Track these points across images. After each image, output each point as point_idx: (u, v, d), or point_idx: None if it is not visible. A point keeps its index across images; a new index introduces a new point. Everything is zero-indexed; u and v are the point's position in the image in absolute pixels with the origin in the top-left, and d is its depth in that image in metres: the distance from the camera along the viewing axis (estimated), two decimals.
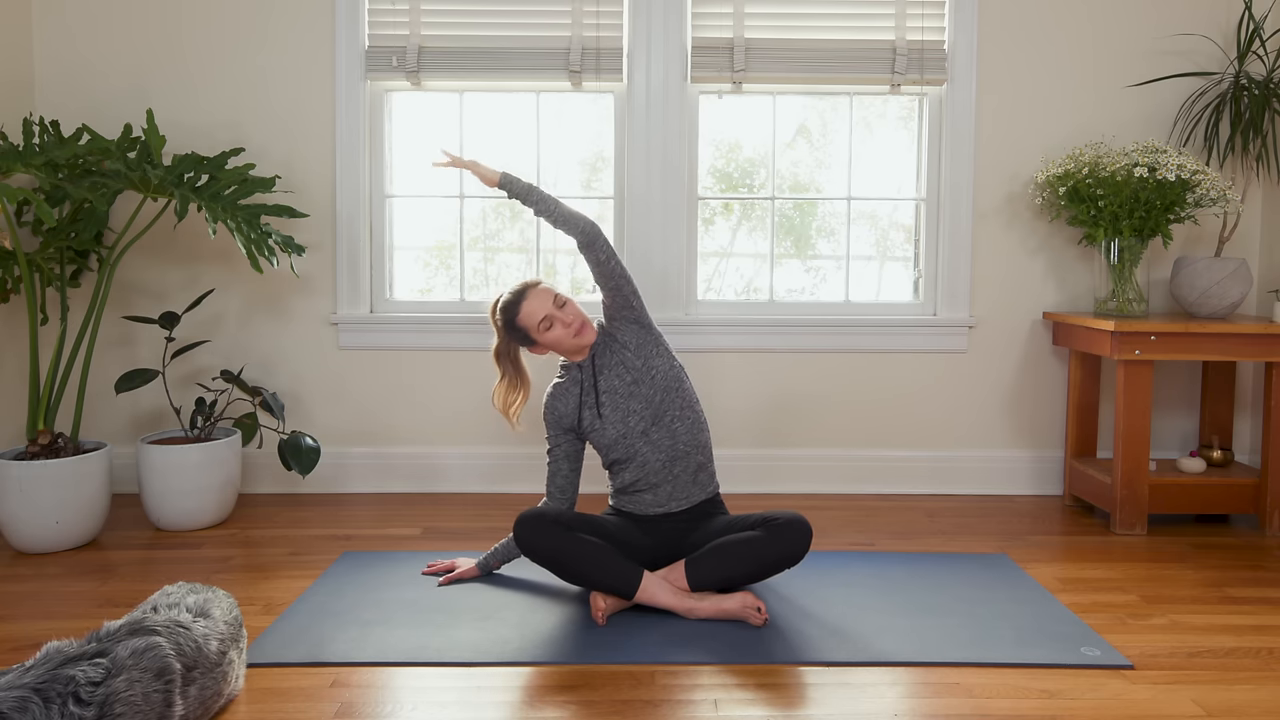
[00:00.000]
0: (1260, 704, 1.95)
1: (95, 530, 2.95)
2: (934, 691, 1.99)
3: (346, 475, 3.55)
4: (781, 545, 2.36)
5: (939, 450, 3.59)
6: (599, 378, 2.54)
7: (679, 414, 2.53)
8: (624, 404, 2.51)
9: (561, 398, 2.58)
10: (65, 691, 1.51)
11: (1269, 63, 3.40)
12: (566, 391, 2.57)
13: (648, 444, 2.51)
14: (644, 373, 2.52)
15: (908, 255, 3.63)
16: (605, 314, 2.59)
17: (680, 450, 2.52)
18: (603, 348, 2.56)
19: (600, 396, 2.52)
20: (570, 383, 2.58)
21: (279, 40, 3.43)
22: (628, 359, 2.52)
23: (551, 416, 2.59)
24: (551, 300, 2.51)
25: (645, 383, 2.51)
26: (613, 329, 2.56)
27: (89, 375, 3.48)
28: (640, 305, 2.56)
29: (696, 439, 2.55)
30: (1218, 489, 3.13)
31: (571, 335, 2.50)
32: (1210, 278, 3.20)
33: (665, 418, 2.51)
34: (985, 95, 3.48)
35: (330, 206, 3.48)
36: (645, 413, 2.51)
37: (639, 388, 2.51)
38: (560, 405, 2.57)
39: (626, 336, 2.54)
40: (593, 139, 3.58)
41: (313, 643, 2.19)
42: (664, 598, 2.34)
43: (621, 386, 2.52)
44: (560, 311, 2.50)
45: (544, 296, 2.52)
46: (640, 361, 2.52)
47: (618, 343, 2.55)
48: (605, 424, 2.51)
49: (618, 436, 2.51)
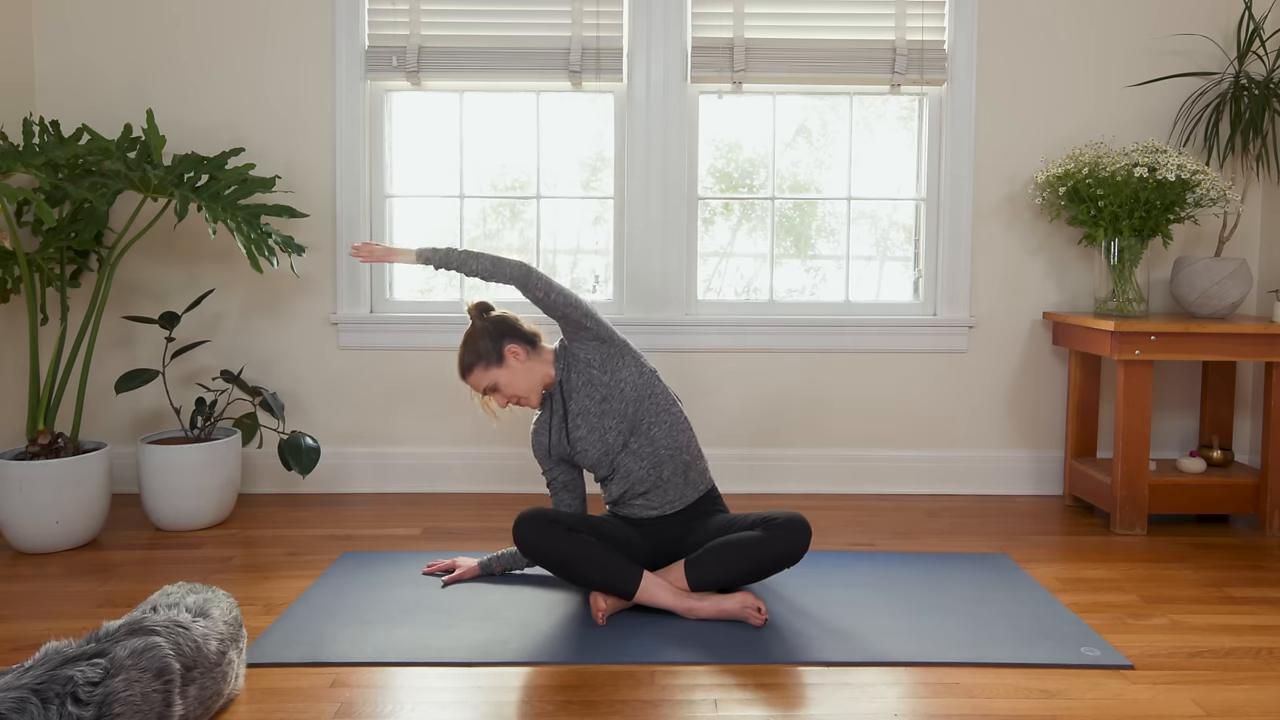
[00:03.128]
0: (1260, 704, 1.95)
1: (95, 530, 2.95)
2: (934, 691, 1.99)
3: (346, 475, 3.55)
4: (781, 545, 2.36)
5: (939, 450, 3.59)
6: (569, 402, 2.52)
7: (655, 419, 2.50)
8: (598, 422, 2.49)
9: (541, 432, 2.58)
10: (64, 692, 1.51)
11: (1269, 63, 3.40)
12: (544, 424, 2.58)
13: (629, 455, 2.49)
14: (613, 388, 2.48)
15: (908, 255, 3.63)
16: (564, 336, 2.54)
17: (663, 455, 2.50)
18: (568, 370, 2.52)
19: (573, 420, 2.51)
20: (546, 414, 2.58)
21: (279, 40, 3.43)
22: (594, 376, 2.49)
23: (539, 452, 2.60)
24: (481, 390, 2.51)
25: (615, 397, 2.48)
26: (574, 349, 2.51)
27: (89, 375, 3.48)
28: (595, 323, 2.48)
29: (677, 440, 2.52)
30: (1218, 489, 3.13)
31: (512, 404, 2.53)
32: (1210, 278, 3.20)
33: (642, 425, 2.49)
34: (985, 95, 3.48)
35: (330, 206, 3.48)
36: (621, 426, 2.48)
37: (610, 404, 2.48)
38: (542, 439, 2.58)
39: (589, 354, 2.49)
40: (593, 139, 3.58)
41: (313, 643, 2.19)
42: (664, 598, 2.34)
43: (592, 405, 2.49)
44: (492, 396, 2.52)
45: (475, 383, 2.51)
46: (607, 376, 2.48)
47: (581, 361, 2.50)
48: (585, 445, 2.50)
49: (599, 455, 2.50)
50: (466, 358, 2.51)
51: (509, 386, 2.50)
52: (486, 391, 2.51)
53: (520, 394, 2.51)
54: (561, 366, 2.53)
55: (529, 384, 2.50)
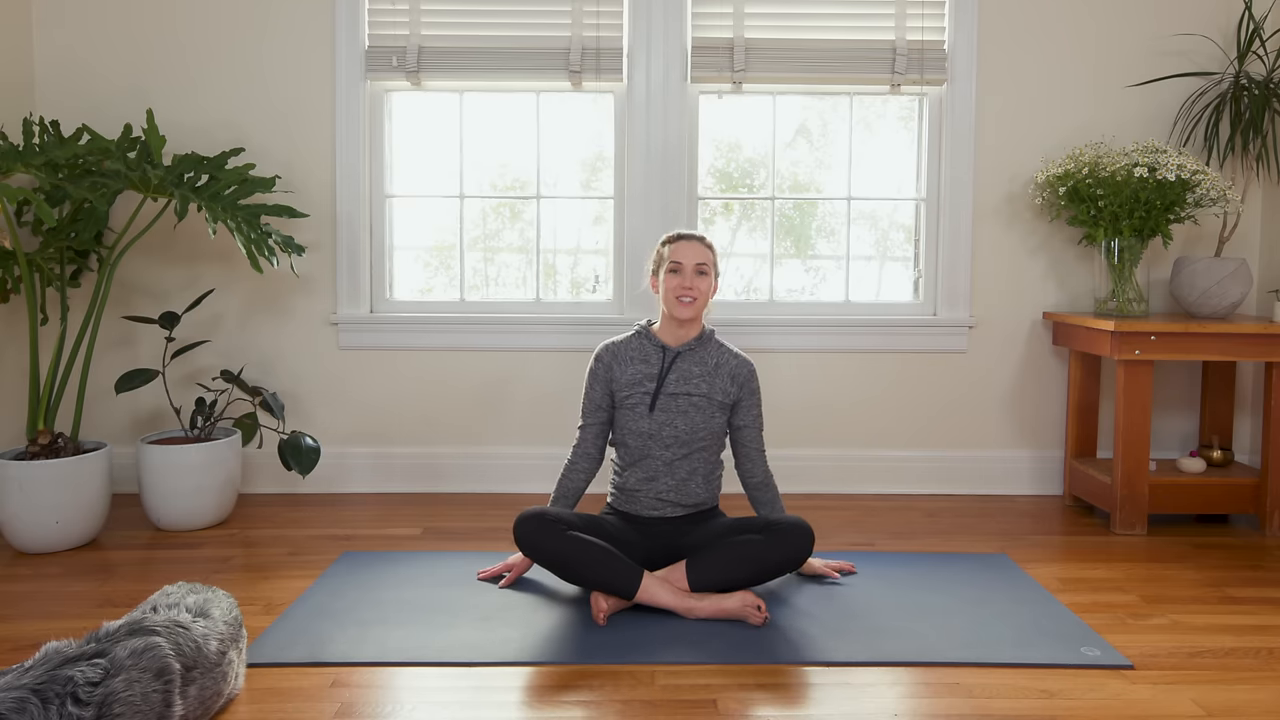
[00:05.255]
0: (1260, 704, 1.94)
1: (95, 530, 2.95)
2: (934, 691, 1.99)
3: (346, 475, 3.55)
4: (784, 550, 2.37)
5: (939, 450, 3.59)
6: (669, 373, 2.56)
7: (704, 459, 2.59)
8: (685, 403, 2.56)
9: (626, 362, 2.58)
10: (64, 692, 1.51)
11: (1269, 63, 3.40)
12: (631, 358, 2.58)
13: (664, 456, 2.56)
14: (702, 404, 2.56)
15: (908, 255, 3.63)
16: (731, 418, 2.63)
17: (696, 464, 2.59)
18: (694, 355, 2.58)
19: (665, 383, 2.55)
20: (641, 353, 2.59)
21: (279, 40, 3.43)
22: (695, 378, 2.56)
23: (601, 371, 2.60)
24: (697, 262, 2.52)
25: (703, 409, 2.56)
26: (729, 371, 2.60)
27: (89, 375, 3.48)
28: (749, 421, 2.62)
29: (712, 461, 2.64)
30: (1218, 489, 3.13)
31: (676, 296, 2.52)
32: (1210, 278, 3.20)
33: (696, 453, 2.57)
34: (985, 95, 3.48)
35: (330, 206, 3.48)
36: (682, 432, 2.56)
37: (696, 409, 2.56)
38: (618, 368, 2.58)
39: (722, 383, 2.58)
40: (593, 139, 3.58)
41: (313, 643, 2.19)
42: (664, 597, 2.34)
43: (680, 394, 2.56)
44: (694, 276, 2.52)
45: (698, 253, 2.54)
46: (706, 387, 2.57)
47: (712, 366, 2.58)
48: (649, 417, 2.54)
49: (653, 430, 2.55)
50: (699, 235, 2.58)
51: (704, 287, 2.54)
52: (698, 268, 2.52)
53: (700, 308, 2.54)
54: (691, 345, 2.59)
55: (709, 299, 2.58)
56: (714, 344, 2.62)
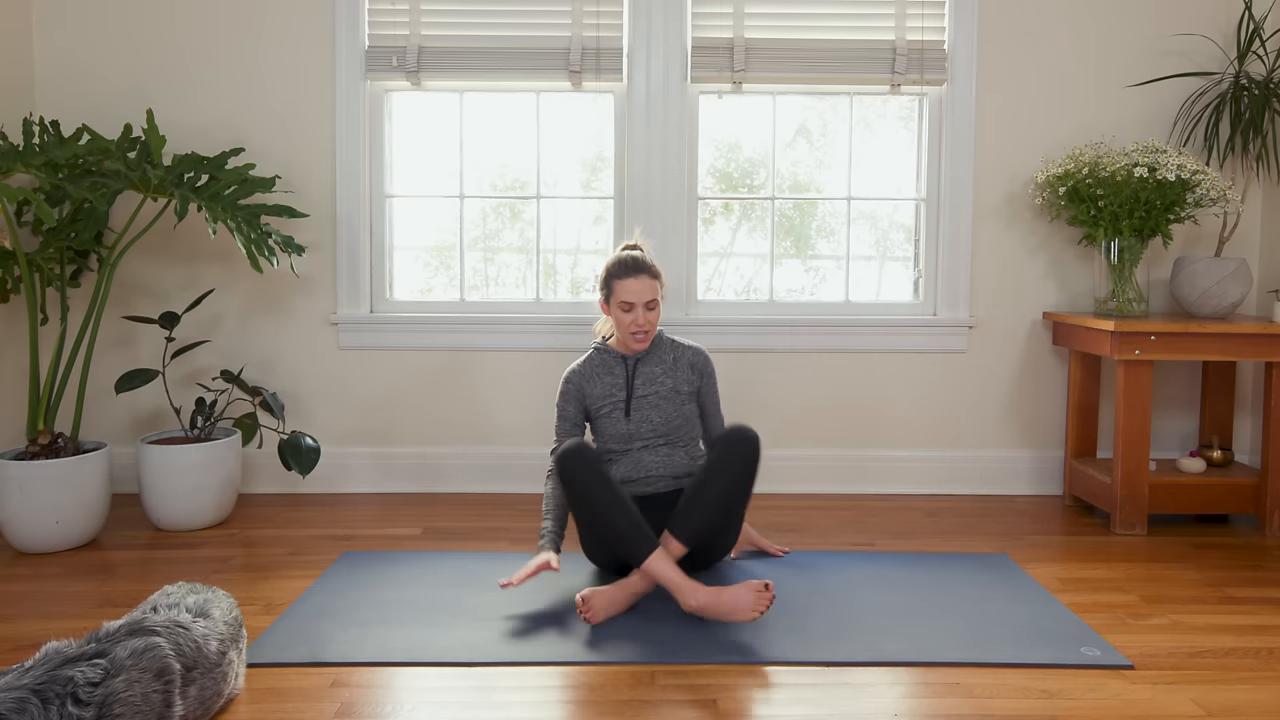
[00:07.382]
0: (1260, 704, 1.95)
1: (95, 530, 2.95)
2: (934, 691, 1.99)
3: (346, 475, 3.55)
4: (732, 455, 2.42)
5: (939, 450, 3.59)
6: (635, 379, 2.69)
7: (685, 442, 2.72)
8: (651, 404, 2.67)
9: (594, 379, 2.69)
10: (64, 692, 1.51)
11: (1269, 63, 3.40)
12: (597, 374, 2.69)
13: (647, 445, 2.67)
14: (671, 396, 2.69)
15: (908, 255, 3.63)
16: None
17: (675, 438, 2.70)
18: (652, 357, 2.71)
19: (634, 388, 2.67)
20: (605, 366, 2.70)
21: (279, 40, 3.43)
22: (659, 377, 2.69)
23: (572, 391, 2.69)
24: (647, 300, 2.61)
25: (670, 402, 2.69)
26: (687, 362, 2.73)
27: (89, 375, 3.48)
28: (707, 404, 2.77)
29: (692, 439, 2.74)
30: (1218, 489, 3.13)
31: (630, 332, 2.62)
32: (1210, 278, 3.20)
33: (676, 440, 2.69)
34: (985, 95, 3.48)
35: (330, 206, 3.48)
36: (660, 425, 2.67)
37: (664, 402, 2.68)
38: (589, 387, 2.69)
39: (684, 375, 2.71)
40: (593, 139, 3.58)
41: (313, 643, 2.19)
42: (671, 574, 2.31)
43: (650, 394, 2.68)
44: (645, 312, 2.61)
45: (647, 289, 2.61)
46: (671, 382, 2.69)
47: (671, 362, 2.71)
48: (626, 421, 2.66)
49: (632, 430, 2.66)
50: (646, 265, 2.62)
51: (654, 319, 2.63)
52: (648, 305, 2.61)
53: (655, 325, 2.64)
54: (650, 351, 2.72)
55: (658, 322, 2.72)
56: (667, 342, 2.75)
